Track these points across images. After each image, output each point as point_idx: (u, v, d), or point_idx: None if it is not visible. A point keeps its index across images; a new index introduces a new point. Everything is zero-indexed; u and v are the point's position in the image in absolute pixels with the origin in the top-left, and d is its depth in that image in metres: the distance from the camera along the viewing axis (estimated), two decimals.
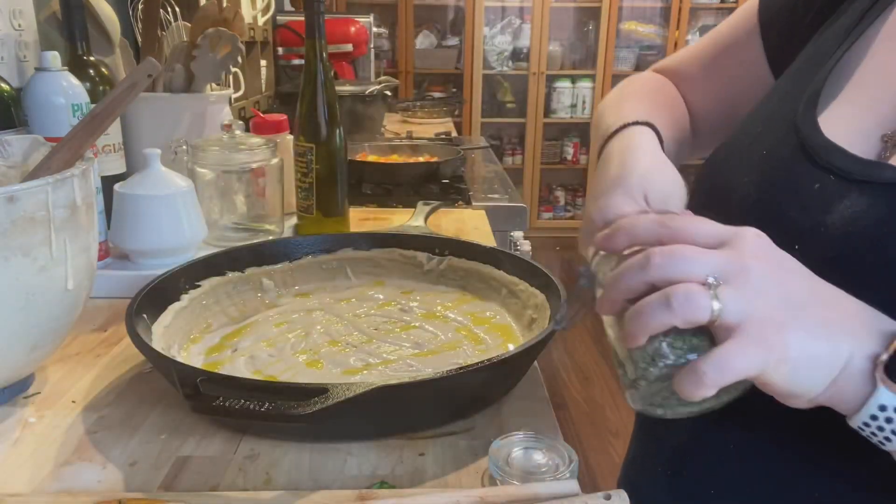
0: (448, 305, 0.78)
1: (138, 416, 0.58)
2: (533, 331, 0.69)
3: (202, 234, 0.87)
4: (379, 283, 0.84)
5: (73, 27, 0.93)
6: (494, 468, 0.49)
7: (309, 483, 0.50)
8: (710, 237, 0.40)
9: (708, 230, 0.40)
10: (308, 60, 0.94)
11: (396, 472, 0.51)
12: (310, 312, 0.77)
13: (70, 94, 0.80)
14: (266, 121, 1.10)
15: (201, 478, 0.50)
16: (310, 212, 0.99)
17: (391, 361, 0.66)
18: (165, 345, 0.64)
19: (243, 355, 0.67)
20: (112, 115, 0.63)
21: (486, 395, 0.60)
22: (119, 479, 0.50)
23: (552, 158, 4.61)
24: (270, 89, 2.21)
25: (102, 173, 0.89)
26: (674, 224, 0.40)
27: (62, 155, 0.61)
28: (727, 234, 0.40)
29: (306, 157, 0.96)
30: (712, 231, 0.40)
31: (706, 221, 0.40)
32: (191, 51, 1.06)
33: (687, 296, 0.37)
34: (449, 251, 0.83)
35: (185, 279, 0.72)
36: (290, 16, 2.33)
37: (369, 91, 1.91)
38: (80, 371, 0.66)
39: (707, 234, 0.40)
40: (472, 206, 1.36)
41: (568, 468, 0.49)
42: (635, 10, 4.29)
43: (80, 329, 0.73)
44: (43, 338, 0.58)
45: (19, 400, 0.61)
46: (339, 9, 4.00)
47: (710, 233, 0.40)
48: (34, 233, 0.53)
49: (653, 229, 0.41)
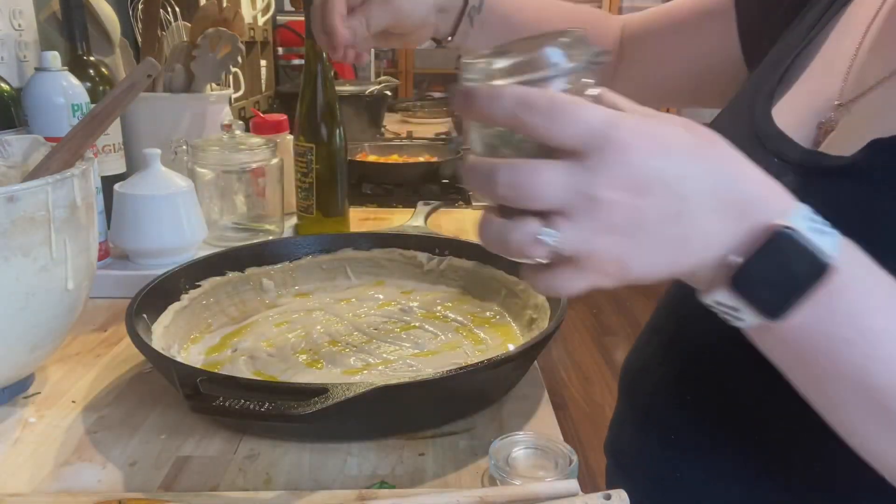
0: (448, 305, 0.78)
1: (138, 416, 0.58)
2: (533, 331, 0.69)
3: (202, 234, 0.87)
4: (379, 283, 0.84)
5: (73, 27, 0.93)
6: (494, 468, 0.49)
7: (309, 483, 0.50)
8: (574, 137, 0.34)
9: (574, 128, 0.34)
10: (308, 60, 0.94)
11: (396, 472, 0.51)
12: (310, 312, 0.77)
13: (70, 94, 0.80)
14: (266, 121, 1.10)
15: (201, 478, 0.50)
16: (310, 212, 0.99)
17: (391, 361, 0.66)
18: (165, 345, 0.64)
19: (243, 355, 0.67)
20: (112, 116, 0.63)
21: (486, 395, 0.60)
22: (119, 479, 0.50)
23: None
24: (270, 89, 2.21)
25: (102, 173, 0.89)
26: (537, 108, 0.34)
27: (62, 155, 0.61)
28: (592, 136, 0.34)
29: (306, 157, 0.96)
30: (578, 130, 0.34)
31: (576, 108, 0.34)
32: (191, 51, 1.06)
33: (521, 243, 0.36)
34: (449, 251, 0.83)
35: (185, 279, 0.72)
36: (290, 16, 2.33)
37: (369, 91, 1.91)
38: (80, 371, 0.66)
39: (572, 134, 0.34)
40: (472, 206, 1.36)
41: (568, 468, 0.49)
42: (635, 10, 4.29)
43: (80, 329, 0.73)
44: (43, 338, 0.58)
45: (19, 400, 0.61)
46: None
47: (576, 132, 0.34)
48: (34, 233, 0.53)
49: (511, 111, 0.35)
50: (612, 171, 0.34)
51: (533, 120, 0.34)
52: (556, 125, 0.34)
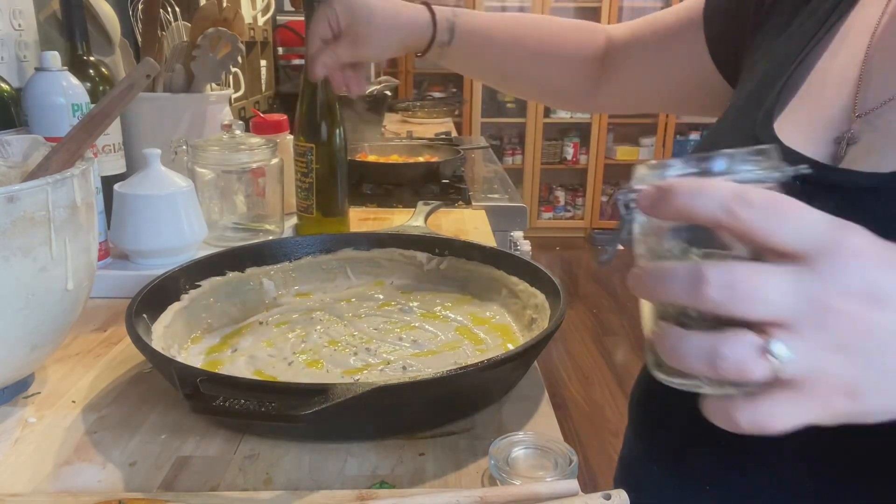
0: (448, 305, 0.78)
1: (138, 416, 0.58)
2: (533, 331, 0.69)
3: (202, 234, 0.87)
4: (379, 283, 0.84)
5: (73, 27, 0.93)
6: (494, 468, 0.49)
7: (309, 483, 0.50)
8: (799, 239, 0.30)
9: (800, 229, 0.30)
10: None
11: (396, 472, 0.51)
12: (310, 312, 0.77)
13: (70, 94, 0.80)
14: (266, 121, 1.10)
15: (201, 478, 0.50)
16: (310, 212, 0.99)
17: (391, 361, 0.66)
18: (165, 345, 0.64)
19: (243, 355, 0.67)
20: (111, 116, 0.63)
21: (486, 395, 0.60)
22: (119, 479, 0.50)
23: (552, 158, 4.61)
24: (270, 89, 2.21)
25: (102, 173, 0.89)
26: (757, 204, 0.29)
27: (62, 155, 0.61)
28: (819, 240, 0.30)
29: (306, 157, 0.96)
30: (804, 231, 0.30)
31: (801, 208, 0.30)
32: (191, 51, 1.06)
33: (738, 364, 0.29)
34: (449, 251, 0.83)
35: (185, 279, 0.72)
36: (290, 16, 2.33)
37: (369, 91, 1.91)
38: (80, 371, 0.66)
39: (796, 236, 0.30)
40: (472, 206, 1.36)
41: (568, 468, 0.49)
42: (635, 10, 4.29)
43: (80, 329, 0.73)
44: (43, 338, 0.58)
45: (19, 400, 0.61)
46: None
47: (802, 233, 0.30)
48: (34, 233, 0.53)
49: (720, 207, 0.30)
50: (846, 279, 0.30)
51: (750, 216, 0.29)
52: (777, 224, 0.29)
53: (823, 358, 0.30)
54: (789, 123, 0.53)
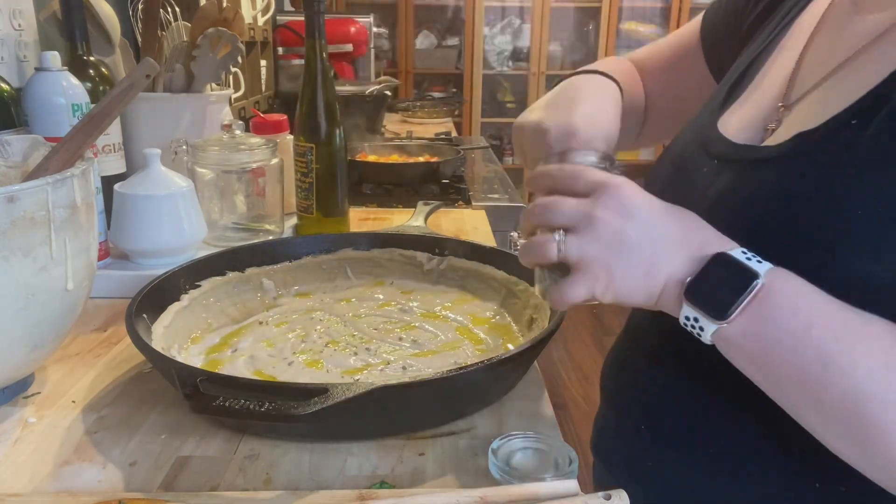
0: (448, 305, 0.78)
1: (138, 416, 0.58)
2: (533, 331, 0.69)
3: (202, 234, 0.87)
4: (379, 283, 0.84)
5: (73, 27, 0.93)
6: (494, 468, 0.49)
7: (309, 483, 0.50)
8: (585, 186, 0.49)
9: (584, 182, 0.50)
10: (308, 60, 0.94)
11: (396, 472, 0.51)
12: (310, 312, 0.77)
13: (70, 94, 0.80)
14: (266, 121, 1.10)
15: (201, 478, 0.50)
16: (310, 212, 0.99)
17: (391, 361, 0.66)
18: (165, 345, 0.64)
19: (243, 355, 0.67)
20: (110, 116, 0.63)
21: (486, 395, 0.60)
22: (119, 479, 0.50)
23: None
24: (270, 89, 2.21)
25: (102, 173, 0.89)
26: (563, 174, 0.51)
27: (62, 155, 0.61)
28: (597, 185, 0.49)
29: (306, 157, 0.96)
30: (586, 182, 0.50)
31: (586, 173, 0.50)
32: (191, 51, 1.06)
33: (540, 244, 0.49)
34: (449, 251, 0.83)
35: (185, 279, 0.72)
36: (290, 16, 2.33)
37: (369, 91, 1.91)
38: (80, 371, 0.66)
39: (583, 185, 0.49)
40: (472, 206, 1.36)
41: (568, 468, 0.49)
42: (635, 10, 4.29)
43: (80, 329, 0.73)
44: (43, 338, 0.58)
45: (19, 400, 0.61)
46: (339, 9, 3.99)
47: (585, 184, 0.50)
48: (34, 233, 0.53)
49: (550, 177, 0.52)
50: (606, 200, 0.48)
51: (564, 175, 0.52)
52: (577, 179, 0.50)
53: (590, 248, 0.47)
54: (734, 117, 0.60)
